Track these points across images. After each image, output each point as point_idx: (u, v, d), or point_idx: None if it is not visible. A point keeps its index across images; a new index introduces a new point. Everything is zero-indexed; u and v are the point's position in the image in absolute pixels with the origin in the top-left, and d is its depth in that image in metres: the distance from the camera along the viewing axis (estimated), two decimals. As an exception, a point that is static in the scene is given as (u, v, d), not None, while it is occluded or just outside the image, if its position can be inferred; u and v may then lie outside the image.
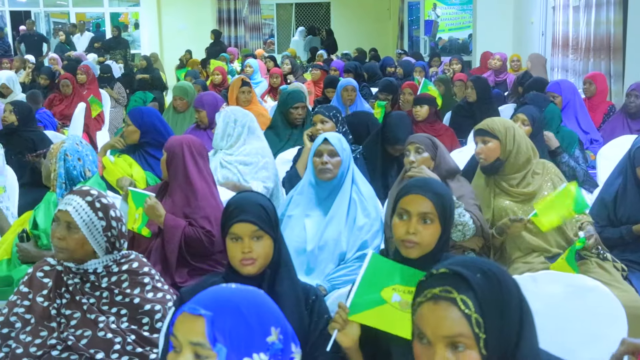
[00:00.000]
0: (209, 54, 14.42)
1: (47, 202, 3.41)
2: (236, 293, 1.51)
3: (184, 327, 1.46)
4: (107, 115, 8.84)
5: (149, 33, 18.47)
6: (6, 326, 2.58)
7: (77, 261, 2.58)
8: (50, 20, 20.28)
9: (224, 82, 9.08)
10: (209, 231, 3.45)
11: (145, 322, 2.57)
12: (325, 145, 3.44)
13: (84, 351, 2.48)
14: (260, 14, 18.41)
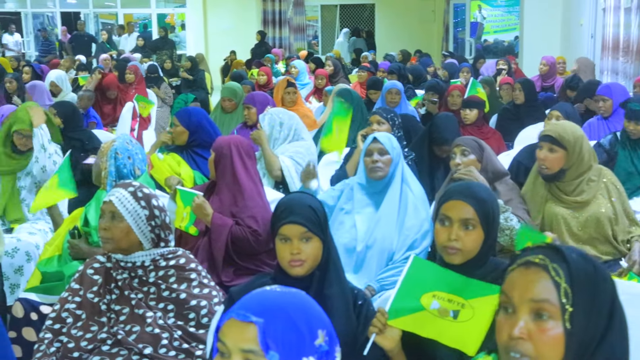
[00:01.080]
0: (254, 55, 14.51)
1: (97, 200, 3.47)
2: (283, 297, 1.50)
3: (234, 334, 1.45)
4: (153, 115, 8.93)
5: (194, 34, 18.64)
6: (58, 322, 2.65)
7: (124, 252, 2.63)
8: (99, 21, 20.62)
9: (269, 83, 9.12)
10: (255, 230, 3.48)
11: (191, 318, 2.61)
12: (375, 144, 3.46)
13: (133, 346, 2.53)
14: (305, 15, 18.46)
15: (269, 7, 17.88)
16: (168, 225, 2.72)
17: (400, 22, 17.93)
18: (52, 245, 3.56)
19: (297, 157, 4.50)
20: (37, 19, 20.15)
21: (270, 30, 17.79)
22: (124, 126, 7.87)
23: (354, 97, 5.82)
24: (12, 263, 3.96)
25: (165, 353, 2.53)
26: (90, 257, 3.20)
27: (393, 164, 3.45)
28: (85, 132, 5.66)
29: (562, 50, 11.69)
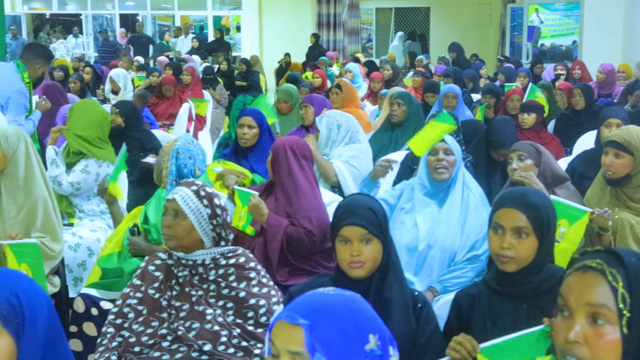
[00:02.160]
0: (308, 58, 14.58)
1: (157, 198, 3.53)
2: (334, 300, 1.50)
3: (282, 335, 1.46)
4: (208, 116, 9.04)
5: (249, 36, 18.80)
6: (120, 317, 2.71)
7: (186, 249, 2.67)
8: (156, 22, 20.96)
9: (323, 85, 9.15)
10: (310, 231, 3.49)
11: (250, 316, 2.64)
12: (441, 144, 3.44)
13: (192, 342, 2.57)
14: (359, 18, 18.43)
15: (324, 9, 17.91)
16: (229, 224, 2.76)
17: (455, 26, 17.75)
18: (112, 242, 3.63)
19: (353, 161, 4.49)
20: (96, 21, 20.58)
21: (325, 33, 17.82)
22: (180, 127, 7.99)
23: (412, 101, 5.80)
24: (75, 257, 4.06)
25: (224, 350, 2.56)
26: (149, 254, 3.27)
27: (456, 165, 3.44)
28: (145, 132, 5.75)
29: (623, 56, 11.42)
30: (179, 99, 8.52)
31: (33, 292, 1.61)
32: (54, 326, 1.65)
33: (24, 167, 3.54)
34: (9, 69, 5.42)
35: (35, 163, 3.60)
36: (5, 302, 1.53)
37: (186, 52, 15.13)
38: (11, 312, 1.53)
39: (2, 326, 1.53)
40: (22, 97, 5.30)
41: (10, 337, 1.54)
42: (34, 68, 5.38)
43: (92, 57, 17.31)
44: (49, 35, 17.49)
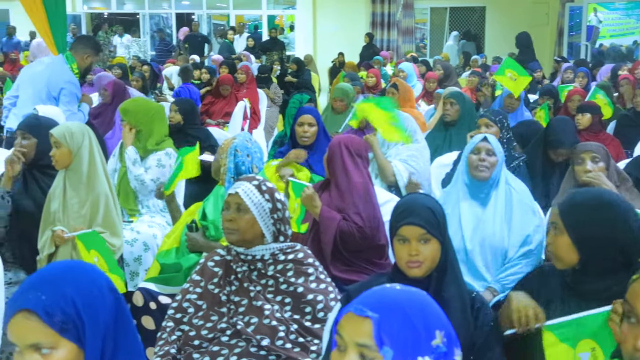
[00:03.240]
0: (362, 57, 14.55)
1: (215, 195, 3.57)
2: (402, 295, 1.52)
3: (350, 328, 1.48)
4: (263, 115, 9.12)
5: (303, 35, 18.85)
6: (179, 311, 2.75)
7: (247, 244, 2.70)
8: (212, 22, 21.19)
9: (377, 85, 9.13)
10: (361, 227, 3.50)
11: (307, 312, 2.65)
12: (484, 144, 3.44)
13: (251, 336, 2.60)
14: (414, 18, 18.32)
15: (378, 9, 17.86)
16: (288, 219, 2.78)
17: (511, 25, 17.47)
18: (171, 238, 3.69)
19: (411, 160, 4.48)
20: (153, 20, 20.90)
21: (379, 32, 17.77)
22: (236, 125, 8.08)
23: (466, 100, 5.75)
24: (132, 252, 4.13)
25: (281, 345, 2.59)
26: (207, 250, 3.32)
27: (498, 166, 3.43)
28: (202, 130, 5.82)
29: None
30: (235, 97, 8.60)
31: (91, 287, 1.58)
32: (121, 315, 1.63)
33: (88, 162, 3.62)
34: (59, 62, 5.55)
35: (98, 159, 3.69)
36: (59, 312, 1.51)
37: (241, 51, 15.24)
38: (67, 320, 1.52)
39: (61, 336, 1.52)
40: (73, 87, 5.43)
41: (71, 344, 1.53)
42: (82, 58, 5.51)
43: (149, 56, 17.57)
44: (107, 34, 17.80)
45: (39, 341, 1.51)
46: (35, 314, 1.50)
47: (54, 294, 1.52)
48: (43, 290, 1.52)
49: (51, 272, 1.60)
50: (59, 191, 3.64)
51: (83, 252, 3.39)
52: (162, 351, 2.67)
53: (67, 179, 3.64)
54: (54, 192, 3.65)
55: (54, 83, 5.34)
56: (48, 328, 1.50)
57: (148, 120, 4.55)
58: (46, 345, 1.50)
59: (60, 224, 3.60)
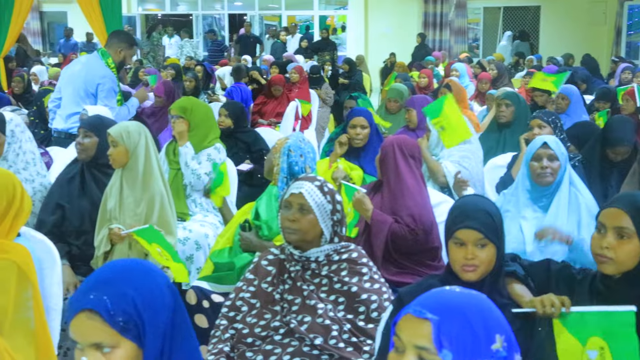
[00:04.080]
0: (414, 57, 14.47)
1: (269, 195, 3.58)
2: (462, 297, 1.50)
3: (409, 329, 1.46)
4: (314, 115, 9.13)
5: (355, 35, 18.84)
6: (233, 310, 2.78)
7: (306, 244, 2.70)
8: (264, 22, 21.33)
9: (429, 85, 9.07)
10: (413, 229, 3.48)
11: (361, 312, 2.65)
12: (545, 149, 3.34)
13: (304, 335, 2.61)
14: (466, 18, 18.15)
15: (430, 9, 17.74)
16: (345, 221, 2.78)
17: (566, 25, 17.20)
18: (224, 237, 3.71)
19: (464, 161, 4.43)
20: (205, 21, 21.14)
21: (431, 32, 17.65)
22: (287, 125, 8.10)
23: (521, 101, 5.67)
24: (183, 251, 4.13)
25: (334, 345, 2.59)
26: (260, 249, 3.33)
27: (561, 170, 3.35)
28: (251, 134, 5.80)
29: None
30: (287, 97, 8.64)
31: (151, 287, 1.60)
32: (179, 313, 1.65)
33: (144, 161, 3.67)
34: (94, 58, 5.62)
35: (154, 158, 3.73)
36: (121, 313, 1.53)
37: (293, 51, 15.31)
38: (128, 320, 1.54)
39: (122, 336, 1.54)
40: (109, 81, 5.46)
41: (131, 343, 1.55)
42: (116, 52, 5.55)
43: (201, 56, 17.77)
44: (160, 35, 18.07)
45: (100, 340, 1.53)
46: (98, 314, 1.53)
47: (115, 294, 1.55)
48: (105, 291, 1.55)
49: (112, 272, 1.62)
50: (115, 189, 3.69)
51: (145, 245, 3.43)
52: (216, 349, 2.70)
53: (123, 177, 3.69)
54: (110, 190, 3.71)
55: (90, 80, 5.40)
56: (110, 328, 1.53)
57: (205, 118, 4.60)
58: (107, 345, 1.53)
59: (116, 222, 3.66)
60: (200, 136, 4.58)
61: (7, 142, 3.95)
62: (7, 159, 3.97)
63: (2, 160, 3.97)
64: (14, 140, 3.98)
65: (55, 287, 3.07)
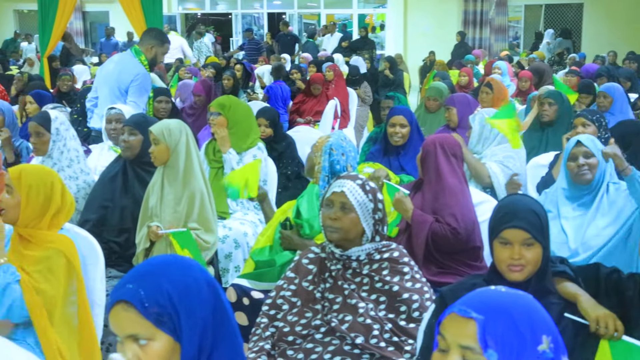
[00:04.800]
0: (454, 56, 14.37)
1: (310, 193, 3.58)
2: (507, 297, 1.48)
3: (454, 329, 1.45)
4: (353, 114, 9.12)
5: (394, 34, 18.78)
6: (273, 308, 2.78)
7: (348, 243, 2.69)
8: (302, 21, 21.38)
9: (469, 84, 9.00)
10: (455, 229, 3.44)
11: (402, 311, 2.63)
12: (579, 148, 3.34)
13: (345, 334, 2.60)
14: (507, 16, 17.97)
15: (470, 7, 17.61)
16: (386, 220, 2.77)
17: (610, 22, 16.91)
18: (264, 236, 3.71)
19: (508, 162, 4.38)
20: (244, 19, 21.25)
21: (471, 30, 17.51)
22: (326, 124, 8.11)
23: (564, 99, 5.59)
24: (222, 249, 4.17)
25: (376, 344, 2.58)
26: (301, 248, 3.34)
27: (600, 166, 3.30)
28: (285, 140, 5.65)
29: None
30: (326, 96, 8.63)
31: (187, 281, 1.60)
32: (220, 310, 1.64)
33: (184, 159, 3.69)
34: (127, 56, 5.65)
35: (195, 156, 3.75)
36: (155, 304, 1.54)
37: (332, 50, 15.30)
38: (163, 312, 1.54)
39: (157, 328, 1.55)
40: (142, 78, 5.48)
41: (167, 336, 1.55)
42: (147, 49, 5.57)
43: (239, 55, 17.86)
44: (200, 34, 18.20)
45: (136, 332, 1.55)
46: (132, 306, 1.54)
47: (150, 286, 1.56)
48: (140, 283, 1.56)
49: (150, 265, 1.64)
50: (157, 187, 3.72)
51: (177, 249, 3.47)
52: (257, 347, 2.70)
53: (164, 175, 3.72)
54: (152, 188, 3.74)
55: (123, 78, 5.44)
56: (144, 319, 1.54)
57: (245, 116, 4.62)
58: (143, 336, 1.54)
59: (157, 219, 3.69)
60: (240, 134, 4.59)
61: (52, 140, 4.02)
62: (52, 156, 4.04)
63: (47, 158, 4.04)
64: (59, 138, 4.04)
65: (99, 282, 3.11)
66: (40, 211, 2.75)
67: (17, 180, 2.77)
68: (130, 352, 1.55)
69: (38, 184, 2.74)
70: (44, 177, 2.78)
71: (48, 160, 4.04)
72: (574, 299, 2.28)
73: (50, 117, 4.05)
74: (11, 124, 5.14)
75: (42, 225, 2.76)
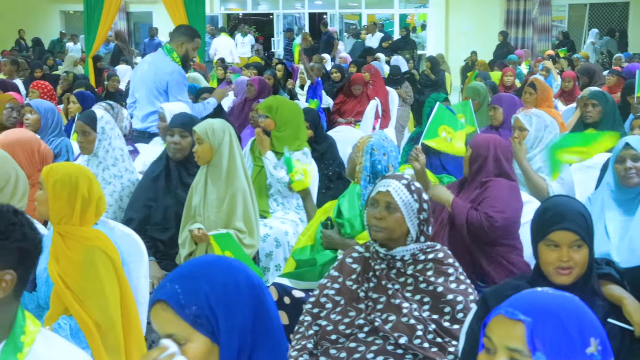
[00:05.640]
0: (496, 56, 14.23)
1: (351, 193, 3.58)
2: (555, 299, 1.47)
3: (501, 331, 1.44)
4: (394, 114, 9.09)
5: (435, 34, 18.68)
6: (317, 306, 2.79)
7: (392, 242, 2.69)
8: (343, 21, 21.37)
9: (512, 84, 8.91)
10: (491, 216, 3.41)
11: (446, 312, 2.62)
12: (628, 150, 3.28)
13: (388, 334, 2.60)
14: (550, 15, 17.74)
15: (513, 6, 17.41)
16: (431, 220, 2.77)
17: (657, 22, 16.59)
18: (305, 235, 3.72)
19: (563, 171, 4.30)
20: (285, 20, 21.32)
21: (513, 30, 17.32)
22: (367, 124, 8.10)
23: (608, 100, 5.50)
24: (263, 247, 4.18)
25: (419, 344, 2.57)
26: (342, 247, 3.34)
27: None
28: (326, 140, 5.68)
29: None
30: (367, 96, 8.62)
31: (226, 283, 1.59)
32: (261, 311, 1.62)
33: (228, 158, 3.72)
34: (159, 55, 5.69)
35: (238, 155, 3.78)
36: (192, 306, 1.54)
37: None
38: (200, 314, 1.54)
39: (194, 329, 1.54)
40: (178, 75, 5.51)
41: (204, 338, 1.55)
42: (178, 46, 5.58)
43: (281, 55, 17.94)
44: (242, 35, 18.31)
45: (173, 332, 1.55)
46: (170, 306, 1.55)
47: (189, 287, 1.56)
48: (180, 284, 1.57)
49: (191, 266, 1.64)
50: (200, 186, 3.76)
51: (218, 252, 3.50)
52: (299, 345, 2.72)
53: (208, 174, 3.76)
54: (195, 187, 3.79)
55: (159, 78, 5.47)
56: (181, 320, 1.54)
57: (292, 116, 4.64)
58: (180, 337, 1.54)
59: (200, 219, 3.73)
60: (289, 135, 4.59)
61: (97, 139, 4.08)
62: (98, 155, 4.10)
63: (93, 157, 4.11)
64: (104, 137, 4.10)
65: (143, 280, 3.15)
66: (68, 205, 2.80)
67: (45, 177, 2.85)
68: None
69: (63, 179, 2.79)
70: (68, 172, 2.84)
71: (94, 159, 4.10)
72: (619, 301, 2.25)
73: (96, 116, 4.11)
74: (51, 123, 5.17)
75: (73, 220, 2.81)
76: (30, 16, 20.12)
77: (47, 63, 12.75)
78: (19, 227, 1.78)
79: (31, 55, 16.15)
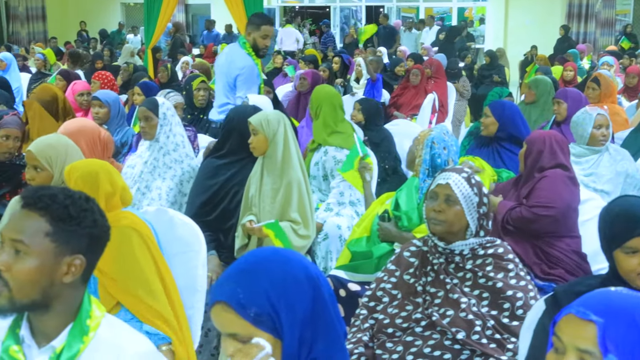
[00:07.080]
0: (557, 50, 13.95)
1: (409, 186, 3.55)
2: (629, 300, 1.42)
3: (571, 331, 1.40)
4: (451, 108, 8.99)
5: (494, 28, 18.41)
6: (373, 300, 2.77)
7: (451, 236, 2.66)
8: (401, 14, 21.24)
9: (573, 80, 8.71)
10: (533, 206, 3.37)
11: (506, 308, 2.57)
12: None
13: (446, 329, 2.57)
14: (615, 9, 17.30)
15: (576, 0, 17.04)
16: (491, 215, 2.72)
17: None
18: (360, 226, 3.71)
19: (591, 183, 4.19)
20: (342, 12, 21.29)
21: (575, 24, 16.96)
22: (424, 117, 8.02)
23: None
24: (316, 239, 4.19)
25: (477, 340, 2.53)
26: (399, 241, 3.32)
27: None
28: (381, 132, 5.66)
29: None
30: (424, 90, 8.54)
31: (285, 278, 1.59)
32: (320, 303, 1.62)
33: (282, 149, 3.73)
34: (234, 48, 5.61)
35: (293, 146, 3.79)
36: (253, 305, 1.54)
37: (430, 43, 15.13)
38: (261, 312, 1.54)
39: (256, 327, 1.55)
40: (247, 71, 5.40)
41: (267, 335, 1.55)
42: (247, 35, 5.47)
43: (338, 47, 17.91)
44: (299, 27, 18.37)
45: (236, 332, 1.56)
46: (231, 306, 1.55)
47: (249, 287, 1.56)
48: (239, 283, 1.57)
49: (248, 263, 1.63)
50: (256, 177, 3.78)
51: (272, 238, 3.51)
52: (355, 338, 2.70)
53: (264, 165, 3.77)
54: (252, 178, 3.81)
55: (231, 72, 5.44)
56: (243, 320, 1.54)
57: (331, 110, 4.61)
58: (243, 335, 1.55)
59: (255, 209, 3.74)
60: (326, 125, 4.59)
61: (159, 125, 4.13)
62: (159, 140, 4.16)
63: (154, 142, 4.16)
64: (166, 122, 4.15)
65: (200, 269, 3.16)
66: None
67: (67, 175, 2.91)
68: (231, 349, 1.57)
69: (83, 175, 2.84)
70: (88, 168, 2.89)
71: (155, 144, 4.16)
72: None
73: (158, 102, 4.18)
74: (117, 113, 5.32)
75: None
76: (92, 9, 20.57)
77: (105, 54, 12.98)
78: (90, 213, 1.81)
79: (97, 46, 16.50)
